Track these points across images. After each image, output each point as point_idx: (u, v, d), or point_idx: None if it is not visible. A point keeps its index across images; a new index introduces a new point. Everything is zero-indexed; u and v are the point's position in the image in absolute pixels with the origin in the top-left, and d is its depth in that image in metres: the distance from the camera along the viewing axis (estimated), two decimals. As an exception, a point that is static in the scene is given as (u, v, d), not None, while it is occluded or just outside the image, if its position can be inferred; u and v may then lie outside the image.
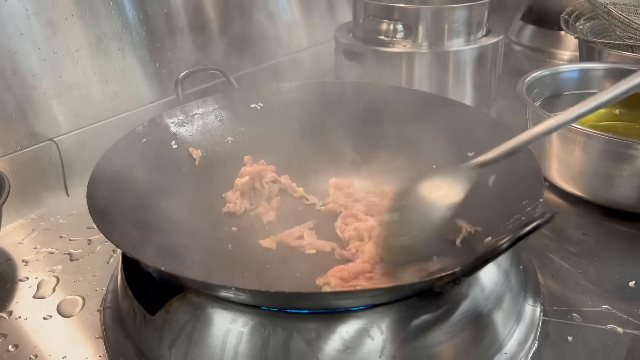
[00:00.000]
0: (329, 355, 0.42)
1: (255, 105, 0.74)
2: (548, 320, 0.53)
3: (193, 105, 0.70)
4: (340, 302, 0.44)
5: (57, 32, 0.75)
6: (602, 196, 0.69)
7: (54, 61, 0.76)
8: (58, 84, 0.77)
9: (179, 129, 0.68)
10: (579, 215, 0.69)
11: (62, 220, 0.73)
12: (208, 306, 0.45)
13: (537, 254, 0.62)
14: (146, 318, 0.48)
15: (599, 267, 0.60)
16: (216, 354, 0.44)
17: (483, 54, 0.94)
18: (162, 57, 0.89)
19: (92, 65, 0.80)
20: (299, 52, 1.14)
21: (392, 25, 0.93)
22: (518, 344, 0.49)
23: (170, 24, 0.89)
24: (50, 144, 0.77)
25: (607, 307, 0.55)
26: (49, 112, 0.77)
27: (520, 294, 0.52)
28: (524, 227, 0.38)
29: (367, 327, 0.43)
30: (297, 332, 0.43)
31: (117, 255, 0.64)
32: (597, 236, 0.65)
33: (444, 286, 0.41)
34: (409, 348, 0.44)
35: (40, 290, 0.60)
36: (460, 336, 0.46)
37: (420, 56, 0.92)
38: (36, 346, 0.53)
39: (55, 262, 0.65)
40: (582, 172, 0.69)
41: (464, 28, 0.93)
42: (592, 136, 0.66)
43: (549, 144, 0.71)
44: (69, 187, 0.79)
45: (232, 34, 0.99)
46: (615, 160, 0.65)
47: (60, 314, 0.57)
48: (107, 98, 0.83)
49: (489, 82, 0.98)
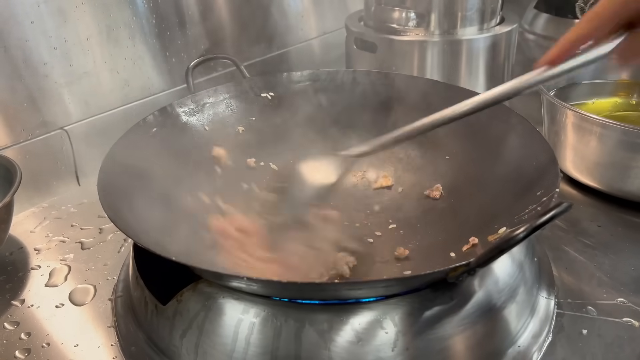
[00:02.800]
0: (341, 346, 0.42)
1: (266, 95, 0.73)
2: (562, 313, 0.53)
3: (204, 94, 0.70)
4: (352, 292, 0.43)
5: (68, 21, 0.75)
6: (617, 187, 0.67)
7: (64, 50, 0.75)
8: (69, 73, 0.77)
9: (190, 118, 0.68)
10: (594, 207, 0.68)
11: (73, 209, 0.73)
12: (220, 296, 0.45)
13: (551, 246, 0.61)
14: (157, 307, 0.48)
15: (614, 259, 0.59)
16: (228, 344, 0.44)
17: (496, 43, 0.93)
18: (173, 46, 0.88)
19: (102, 54, 0.80)
20: (309, 41, 1.13)
21: (404, 13, 0.91)
22: (532, 337, 0.49)
23: (180, 12, 0.88)
24: (61, 132, 0.77)
25: (623, 300, 0.54)
26: (59, 100, 0.76)
27: (534, 286, 0.52)
28: (540, 216, 0.38)
29: (380, 319, 0.43)
30: (309, 323, 0.43)
31: (128, 245, 0.64)
32: (613, 228, 0.64)
33: (458, 277, 0.41)
34: (422, 340, 0.43)
35: (52, 278, 0.60)
36: (473, 328, 0.45)
37: (433, 45, 0.90)
38: (48, 334, 0.53)
39: (67, 250, 0.65)
40: (598, 163, 0.68)
41: (477, 16, 0.91)
42: (608, 126, 0.65)
43: (564, 135, 0.70)
44: (80, 175, 0.80)
45: (242, 22, 0.98)
46: (632, 151, 0.64)
47: (72, 303, 0.57)
48: (118, 87, 0.83)
49: (502, 71, 0.97)
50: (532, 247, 0.54)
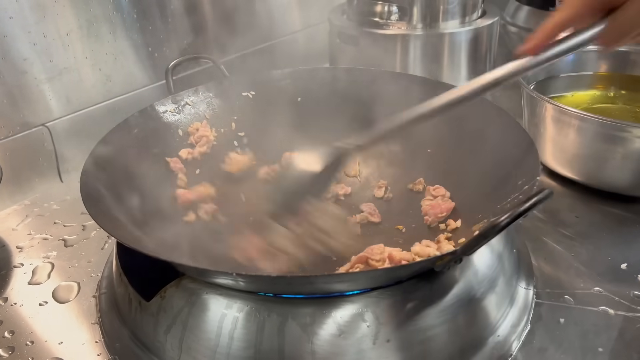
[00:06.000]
0: (324, 339, 0.43)
1: (247, 94, 0.73)
2: (541, 303, 0.54)
3: (184, 94, 0.70)
4: (339, 285, 0.44)
5: (47, 15, 0.74)
6: (595, 179, 0.69)
7: (44, 45, 0.75)
8: (49, 69, 0.76)
9: (171, 118, 0.68)
10: (573, 198, 0.69)
11: (56, 206, 0.73)
12: (203, 292, 0.45)
13: (530, 237, 0.63)
14: (141, 304, 0.48)
15: (591, 249, 0.61)
16: (212, 339, 0.44)
17: (478, 36, 0.93)
18: (155, 40, 0.88)
19: (83, 49, 0.79)
20: (292, 34, 1.13)
21: (386, 7, 0.92)
22: (511, 327, 0.50)
23: (161, 6, 0.87)
24: (43, 129, 0.77)
25: (599, 289, 0.55)
26: (40, 97, 0.76)
27: (513, 277, 0.53)
28: (523, 203, 0.39)
29: (362, 312, 0.43)
30: (292, 317, 0.43)
31: (112, 242, 0.64)
32: (590, 219, 0.66)
33: (445, 265, 0.42)
34: (403, 332, 0.44)
35: (36, 276, 0.60)
36: (454, 319, 0.46)
37: (415, 38, 0.91)
38: (32, 332, 0.53)
39: (50, 248, 0.64)
40: (576, 155, 0.69)
41: (459, 9, 0.92)
42: (586, 119, 0.66)
43: (543, 127, 0.71)
44: (62, 172, 0.79)
45: (225, 15, 0.98)
46: (609, 143, 0.65)
47: (56, 300, 0.57)
48: (99, 82, 0.82)
49: (484, 64, 0.98)
50: (511, 238, 0.55)
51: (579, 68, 0.83)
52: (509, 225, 0.39)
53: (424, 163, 0.67)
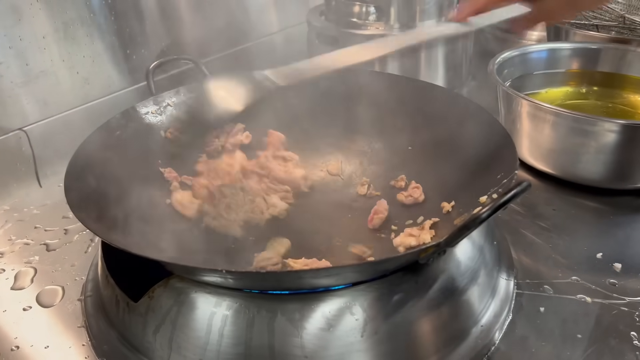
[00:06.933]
0: (313, 334, 0.43)
1: None
2: (521, 293, 0.55)
3: (166, 95, 0.69)
4: (327, 279, 0.44)
5: (23, 18, 0.73)
6: (570, 172, 0.71)
7: (20, 48, 0.74)
8: (25, 72, 0.75)
9: (153, 119, 0.67)
10: (549, 192, 0.71)
11: (36, 210, 0.72)
12: (192, 291, 0.46)
13: (509, 229, 0.64)
14: (129, 305, 0.48)
15: (568, 240, 0.63)
16: (202, 337, 0.45)
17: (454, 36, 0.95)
18: (133, 42, 0.87)
19: (60, 52, 0.78)
20: (270, 36, 1.13)
21: (364, 8, 0.93)
22: (494, 317, 0.51)
23: (138, 8, 0.87)
24: (20, 133, 0.76)
25: (577, 278, 0.57)
26: (16, 100, 0.75)
27: (494, 268, 0.54)
28: (502, 196, 0.40)
29: (350, 305, 0.44)
30: (281, 313, 0.44)
31: (96, 244, 0.64)
32: (567, 211, 0.68)
33: (429, 257, 0.43)
34: (390, 324, 0.45)
35: (18, 281, 0.59)
36: (438, 311, 0.47)
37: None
38: (17, 337, 0.52)
39: (32, 252, 0.64)
40: (552, 150, 0.71)
41: (435, 9, 0.93)
42: (561, 114, 0.68)
43: (519, 123, 0.73)
44: (41, 177, 0.78)
45: (203, 17, 0.98)
46: (583, 137, 0.67)
47: (40, 305, 0.56)
48: (77, 85, 0.82)
49: (461, 63, 1.00)
50: (491, 231, 0.57)
51: (552, 66, 0.85)
52: (490, 217, 0.40)
53: (405, 160, 0.68)
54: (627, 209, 0.68)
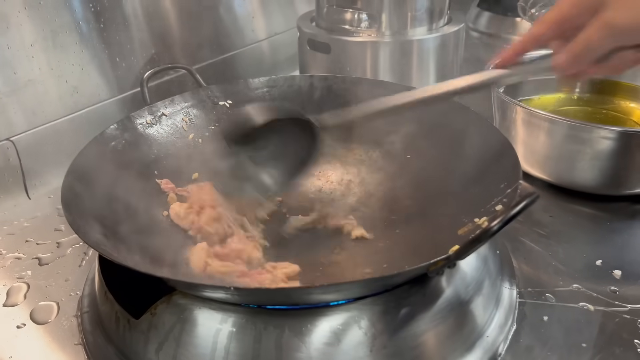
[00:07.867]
0: (321, 350, 0.43)
1: (224, 103, 0.73)
2: (524, 302, 0.55)
3: (160, 105, 0.68)
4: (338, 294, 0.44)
5: (10, 26, 0.71)
6: (566, 179, 0.71)
7: (7, 57, 0.72)
8: (13, 81, 0.73)
9: (148, 129, 0.66)
10: (546, 199, 0.71)
11: (27, 223, 0.70)
12: (196, 307, 0.45)
13: (508, 237, 0.64)
14: (130, 322, 0.47)
15: (567, 247, 0.63)
16: (207, 354, 0.43)
17: (445, 42, 0.96)
18: (122, 51, 0.86)
19: (48, 61, 0.77)
20: (259, 42, 1.12)
21: (356, 15, 0.93)
22: (498, 327, 0.51)
23: (126, 17, 0.86)
24: (7, 143, 0.74)
25: (578, 286, 0.57)
26: (3, 110, 0.73)
27: (497, 278, 0.54)
28: (512, 208, 0.40)
29: (358, 319, 0.44)
30: (289, 328, 0.43)
31: (90, 258, 0.62)
32: (564, 218, 0.68)
33: (438, 271, 0.42)
34: (398, 338, 0.44)
35: (11, 298, 0.58)
36: (445, 323, 0.47)
37: (385, 45, 0.92)
38: (11, 356, 0.50)
39: (24, 267, 0.62)
40: (547, 157, 0.71)
41: (426, 16, 0.94)
42: (556, 121, 0.68)
43: (514, 130, 0.73)
44: (30, 188, 0.76)
45: (191, 24, 0.97)
46: (578, 144, 0.68)
47: (34, 322, 0.54)
48: (66, 94, 0.80)
49: (452, 69, 1.00)
50: (494, 240, 0.57)
51: (545, 72, 0.86)
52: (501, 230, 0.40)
53: (403, 168, 0.67)
54: (624, 215, 0.68)
